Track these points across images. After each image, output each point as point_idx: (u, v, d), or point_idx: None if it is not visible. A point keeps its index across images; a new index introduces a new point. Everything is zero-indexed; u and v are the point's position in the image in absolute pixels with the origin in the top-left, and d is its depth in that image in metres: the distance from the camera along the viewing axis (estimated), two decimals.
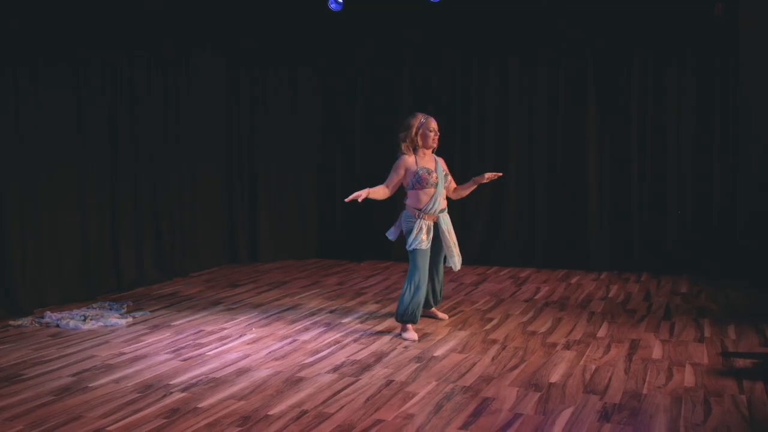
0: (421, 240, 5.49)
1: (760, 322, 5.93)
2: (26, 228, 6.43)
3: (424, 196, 5.55)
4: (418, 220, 5.53)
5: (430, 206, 5.55)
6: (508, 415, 3.95)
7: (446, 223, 5.68)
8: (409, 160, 5.59)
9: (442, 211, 5.66)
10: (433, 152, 5.72)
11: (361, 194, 5.37)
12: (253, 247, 9.19)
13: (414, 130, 5.58)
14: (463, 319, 6.17)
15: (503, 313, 6.35)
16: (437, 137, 5.65)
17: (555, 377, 4.59)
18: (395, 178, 5.62)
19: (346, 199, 5.40)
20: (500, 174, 5.88)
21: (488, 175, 5.75)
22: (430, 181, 5.54)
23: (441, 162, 5.76)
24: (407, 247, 5.56)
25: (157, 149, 7.83)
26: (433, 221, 5.60)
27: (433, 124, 5.63)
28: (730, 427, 3.80)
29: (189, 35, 8.17)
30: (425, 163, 5.60)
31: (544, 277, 8.09)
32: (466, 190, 5.93)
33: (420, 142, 5.60)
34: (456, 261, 5.75)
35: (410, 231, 5.54)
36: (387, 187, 5.63)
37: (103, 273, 7.21)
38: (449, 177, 5.81)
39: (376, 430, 3.76)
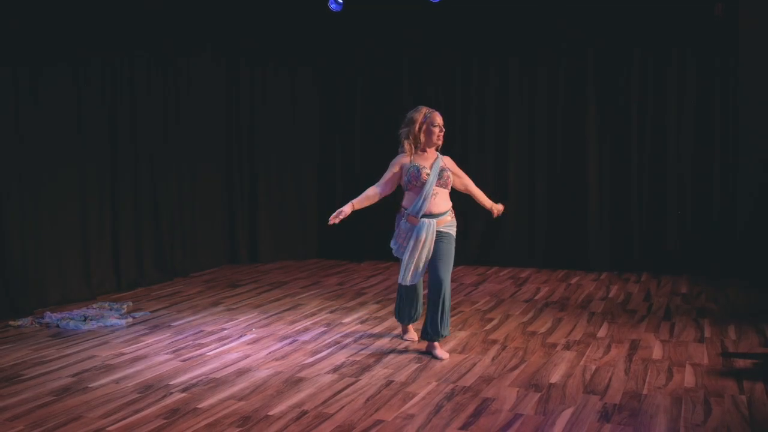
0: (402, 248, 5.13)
1: (760, 322, 5.93)
2: (26, 228, 6.43)
3: (413, 196, 5.06)
4: (402, 220, 5.12)
5: (412, 207, 5.02)
6: (508, 416, 3.95)
7: (425, 231, 4.98)
8: (405, 158, 5.08)
9: (433, 215, 5.03)
10: (437, 150, 5.16)
11: (345, 211, 4.96)
12: (253, 247, 9.18)
13: (417, 126, 5.04)
14: (463, 319, 6.16)
15: (503, 314, 6.35)
16: (442, 134, 5.10)
17: (555, 377, 4.59)
18: (388, 174, 5.10)
19: (330, 222, 5.01)
20: (502, 209, 5.53)
21: (496, 214, 5.45)
22: (419, 179, 4.99)
23: (447, 161, 5.19)
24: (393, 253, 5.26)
25: (157, 149, 7.83)
26: (414, 224, 5.02)
27: (439, 119, 5.07)
28: (730, 427, 3.80)
29: (189, 35, 8.17)
30: (421, 161, 5.07)
31: (544, 277, 8.09)
32: (479, 199, 5.45)
33: (423, 139, 5.05)
34: (405, 274, 5.07)
35: (396, 235, 5.19)
36: (378, 186, 5.12)
37: (103, 273, 7.22)
38: (450, 180, 5.12)
39: (376, 431, 3.76)
